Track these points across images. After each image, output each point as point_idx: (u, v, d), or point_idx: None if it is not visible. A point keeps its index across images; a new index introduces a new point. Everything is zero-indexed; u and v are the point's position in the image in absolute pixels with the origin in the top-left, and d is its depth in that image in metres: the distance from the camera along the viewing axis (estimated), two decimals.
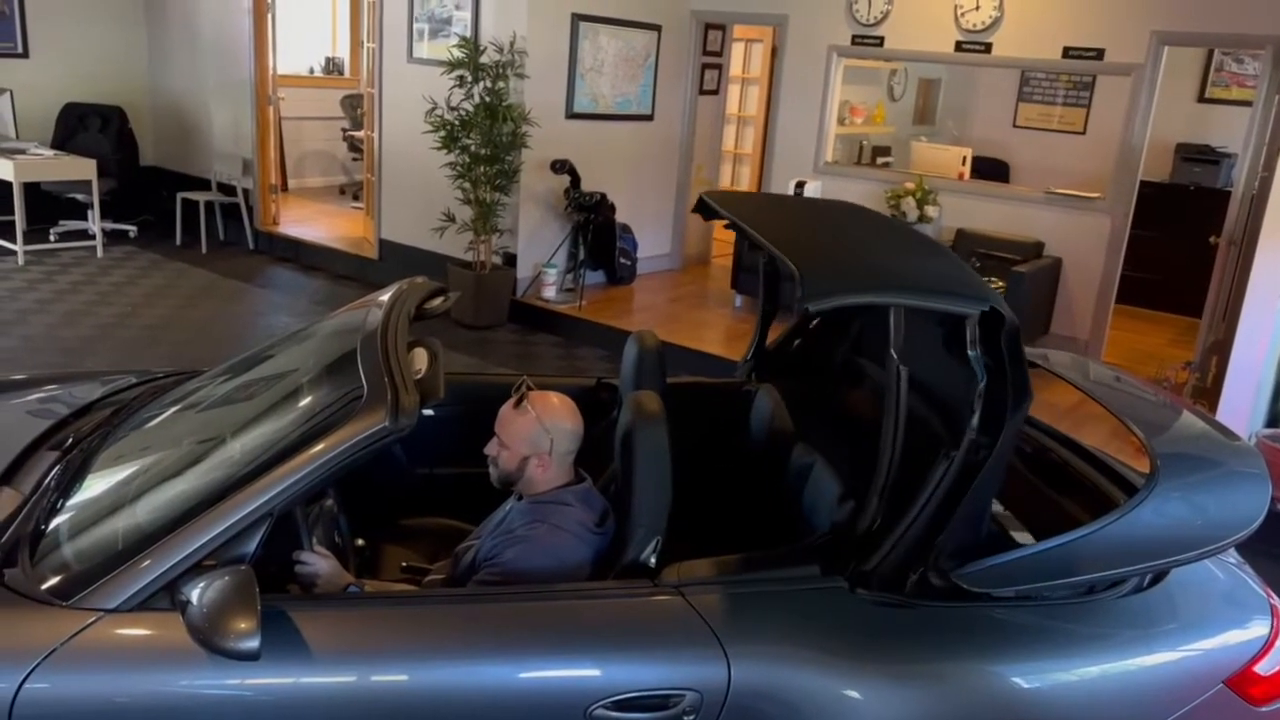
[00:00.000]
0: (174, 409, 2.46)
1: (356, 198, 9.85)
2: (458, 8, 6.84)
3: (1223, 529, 2.03)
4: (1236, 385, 4.54)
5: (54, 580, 1.85)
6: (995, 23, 6.61)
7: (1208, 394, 5.14)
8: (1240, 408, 4.57)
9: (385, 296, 2.46)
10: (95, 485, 2.17)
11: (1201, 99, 8.46)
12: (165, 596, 1.79)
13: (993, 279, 6.41)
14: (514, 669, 1.86)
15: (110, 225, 8.22)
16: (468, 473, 2.65)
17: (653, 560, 2.09)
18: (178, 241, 8.40)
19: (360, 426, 1.90)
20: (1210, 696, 2.08)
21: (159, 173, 9.08)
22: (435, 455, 2.94)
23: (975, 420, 1.93)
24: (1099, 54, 6.30)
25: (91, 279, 7.24)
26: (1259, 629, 2.18)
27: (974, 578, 1.95)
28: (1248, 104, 6.89)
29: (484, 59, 6.42)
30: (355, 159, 10.44)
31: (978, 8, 6.64)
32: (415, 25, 7.09)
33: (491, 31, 6.61)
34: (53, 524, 2.04)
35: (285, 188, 10.00)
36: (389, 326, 2.21)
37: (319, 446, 1.89)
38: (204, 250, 8.25)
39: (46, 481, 2.20)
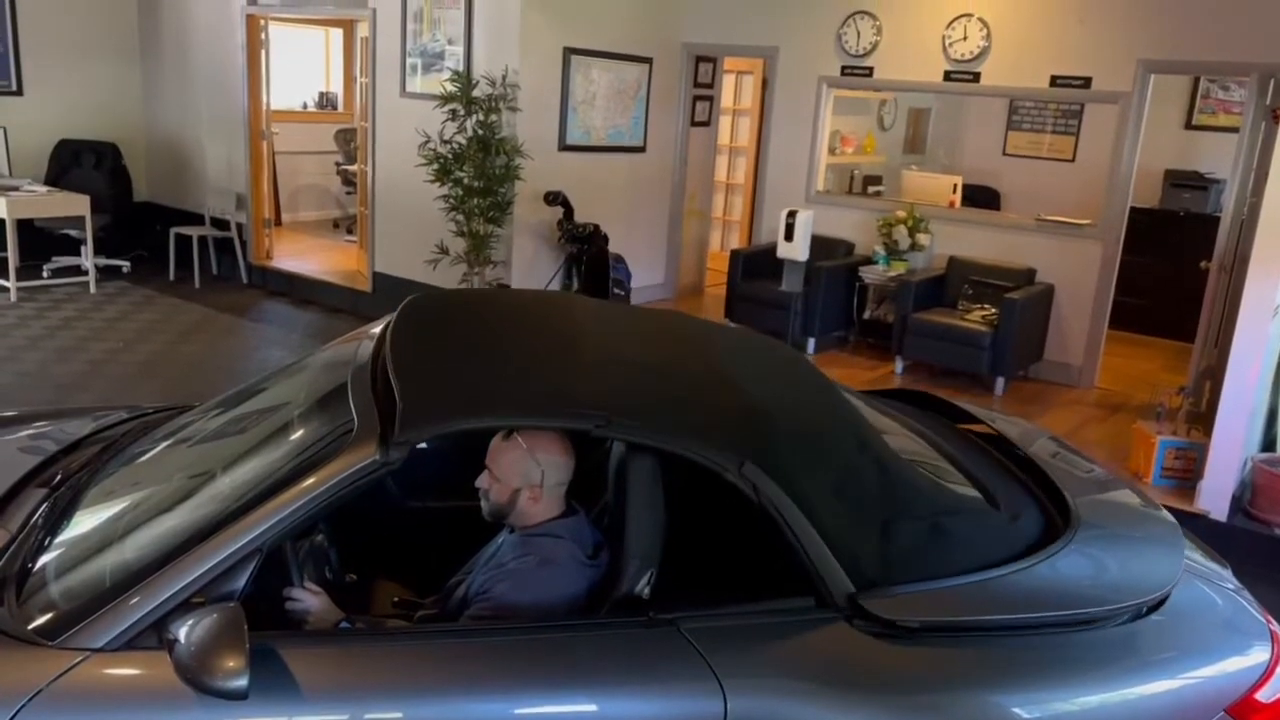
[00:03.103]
0: (163, 445, 2.45)
1: (350, 231, 9.86)
2: (450, 42, 6.89)
3: (1134, 591, 2.13)
4: (1230, 410, 4.53)
5: (40, 619, 1.83)
6: (983, 52, 6.67)
7: (1202, 419, 5.14)
8: (1234, 432, 4.57)
9: (376, 329, 2.46)
10: (83, 522, 2.15)
11: (1189, 126, 8.53)
12: (153, 635, 1.77)
13: (986, 305, 6.45)
14: (508, 705, 1.84)
15: (103, 261, 8.22)
16: (461, 506, 2.63)
17: (646, 592, 2.06)
18: (171, 277, 8.40)
19: (351, 460, 1.88)
20: None
21: (153, 208, 9.10)
22: (428, 489, 2.92)
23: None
24: (1086, 82, 6.36)
25: (84, 314, 7.23)
26: (1259, 655, 2.16)
27: (880, 605, 1.97)
28: (1235, 130, 6.95)
29: (476, 92, 6.46)
30: (349, 192, 10.47)
31: (965, 38, 6.71)
32: (408, 60, 7.14)
33: (484, 65, 6.66)
34: (39, 562, 2.01)
35: (279, 222, 10.02)
36: (380, 359, 2.20)
37: (309, 480, 1.87)
38: (197, 285, 8.24)
39: (34, 519, 2.17)
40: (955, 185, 7.56)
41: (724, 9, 7.70)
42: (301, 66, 11.11)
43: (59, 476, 2.39)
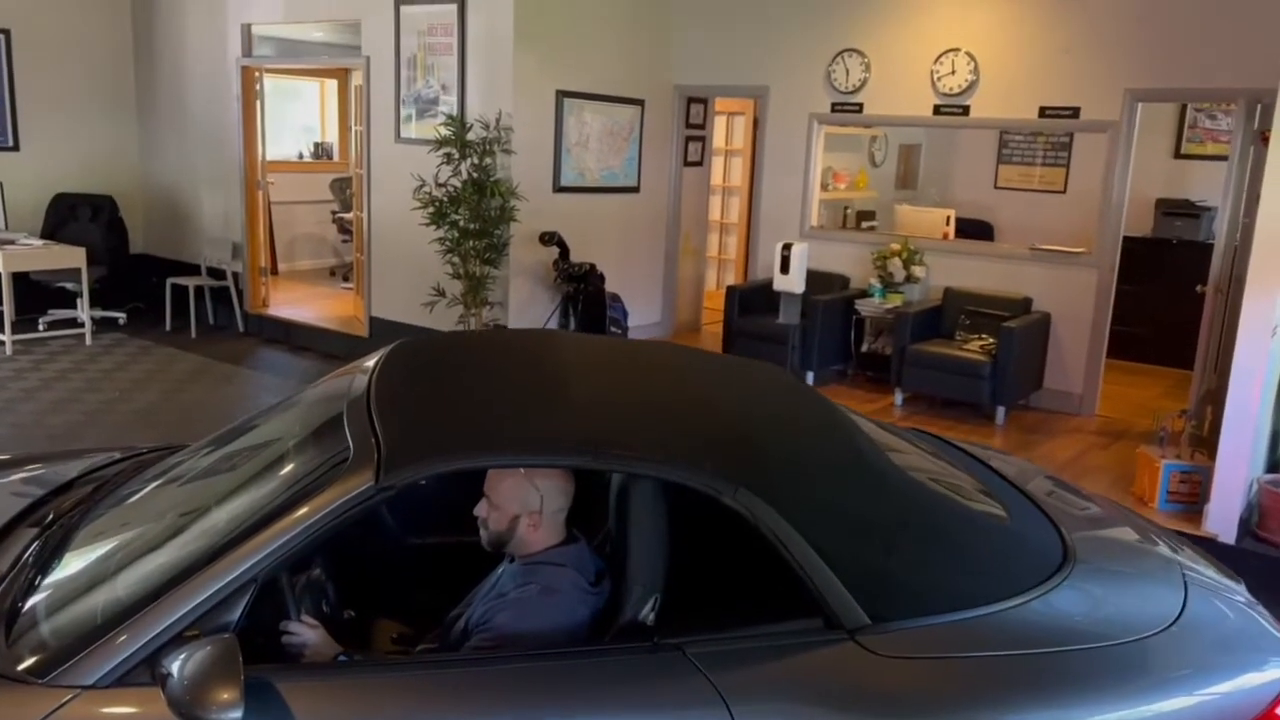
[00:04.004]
0: (155, 483, 2.41)
1: (346, 279, 9.88)
2: (444, 88, 6.95)
3: (1132, 628, 2.08)
4: (1233, 430, 4.51)
5: (30, 659, 1.78)
6: (972, 86, 6.73)
7: (1205, 442, 5.11)
8: (1238, 453, 4.54)
9: (370, 362, 2.44)
10: (74, 562, 2.11)
11: (1178, 155, 8.59)
12: (146, 671, 1.72)
13: (983, 335, 6.44)
14: None
15: (99, 313, 8.22)
16: (461, 542, 2.60)
17: (651, 618, 2.02)
18: (167, 327, 8.39)
19: (347, 487, 1.86)
20: None
21: (149, 260, 9.12)
22: (427, 525, 2.88)
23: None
24: (1075, 112, 6.41)
25: (79, 366, 7.21)
26: (1276, 671, 2.12)
27: (882, 643, 1.93)
28: (1223, 158, 7.01)
29: (471, 136, 6.50)
30: (345, 240, 10.50)
31: (954, 72, 6.78)
32: (402, 106, 7.19)
33: (478, 109, 6.71)
34: (29, 602, 1.97)
35: (275, 271, 10.04)
36: (375, 391, 2.19)
37: (304, 509, 1.84)
38: (194, 335, 8.23)
39: (24, 558, 2.13)
40: (949, 217, 7.59)
41: (714, 51, 7.79)
42: (297, 117, 11.22)
43: (50, 516, 2.36)
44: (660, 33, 7.81)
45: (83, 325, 7.89)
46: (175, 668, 1.65)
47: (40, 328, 8.00)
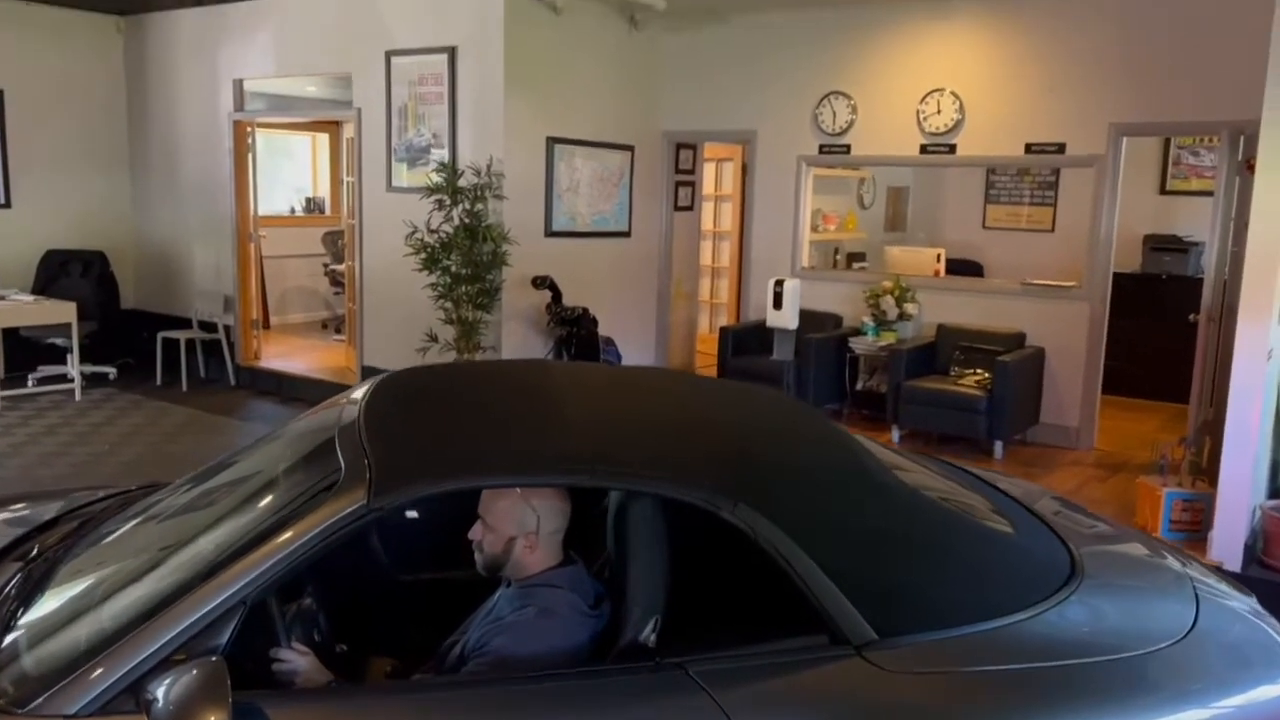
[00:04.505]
0: (141, 518, 2.36)
1: (339, 331, 9.87)
2: (435, 136, 7.00)
3: (1144, 640, 2.04)
4: (1234, 455, 4.47)
5: (11, 690, 1.72)
6: (957, 124, 6.80)
7: (1206, 471, 5.08)
8: (1240, 479, 4.50)
9: (358, 393, 2.41)
10: (58, 595, 2.05)
11: (1163, 191, 8.68)
12: (130, 699, 1.66)
13: (978, 370, 6.43)
14: None
15: (89, 369, 8.16)
16: (455, 578, 2.55)
17: (652, 640, 1.97)
18: (158, 381, 8.34)
19: (338, 507, 1.81)
20: None
21: (140, 315, 9.09)
22: (419, 561, 2.82)
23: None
24: (1061, 148, 6.48)
25: (68, 420, 7.14)
26: None
27: (890, 658, 1.88)
28: (1207, 194, 7.09)
29: (462, 182, 6.53)
30: (337, 293, 10.50)
31: (939, 111, 6.85)
32: (394, 156, 7.23)
33: (469, 156, 6.75)
34: (11, 636, 1.91)
35: (267, 325, 10.02)
36: (366, 416, 2.15)
37: (295, 529, 1.79)
38: (185, 388, 8.18)
39: (6, 591, 2.08)
40: (939, 255, 7.62)
41: (701, 97, 7.87)
42: (289, 173, 11.28)
43: (34, 551, 2.30)
44: (648, 79, 7.90)
45: (72, 381, 7.84)
46: (160, 692, 1.60)
47: (29, 384, 7.94)
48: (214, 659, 1.64)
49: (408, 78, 7.08)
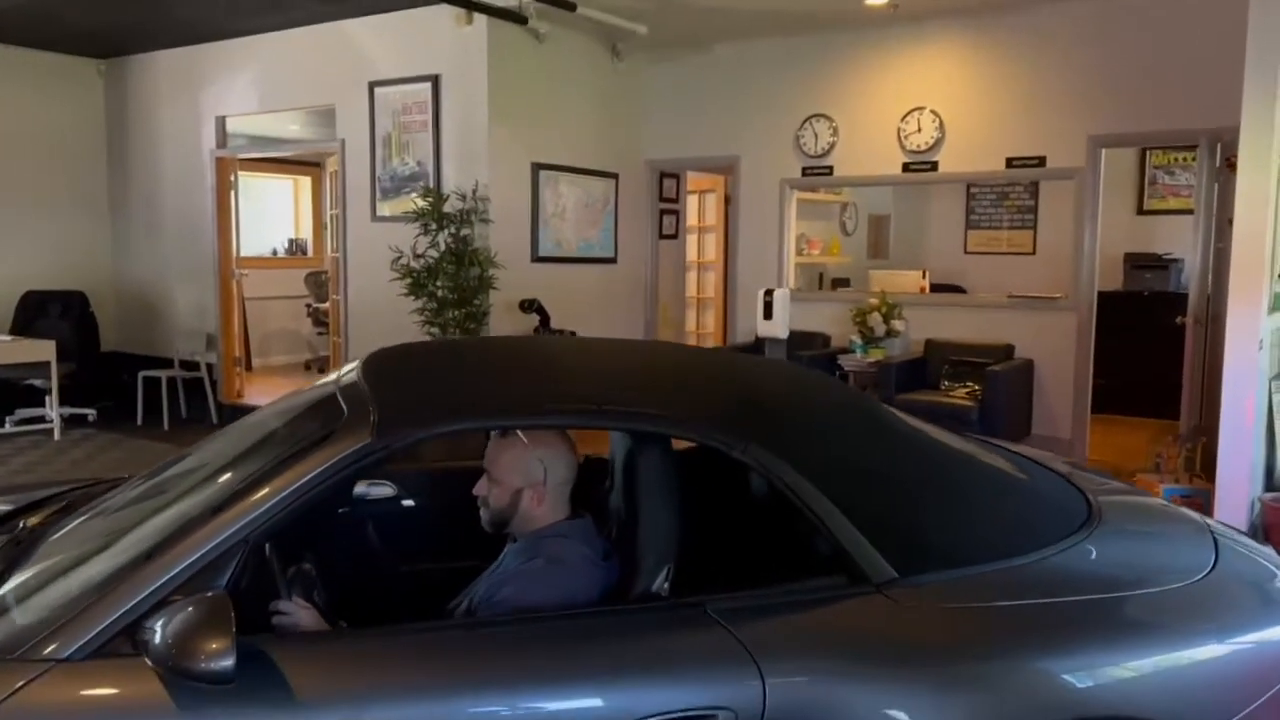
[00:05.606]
0: (136, 489, 2.29)
1: (323, 371, 9.77)
2: (419, 164, 7.00)
3: (1164, 574, 2.03)
4: (1231, 450, 4.45)
5: (0, 638, 1.64)
6: (938, 142, 6.87)
7: (1203, 469, 5.06)
8: (1239, 472, 4.48)
9: (346, 367, 2.36)
10: (48, 554, 1.97)
11: (1140, 211, 8.78)
12: (128, 642, 1.58)
13: (968, 383, 6.42)
14: (527, 699, 1.65)
15: (69, 410, 8.03)
16: (454, 568, 2.48)
17: (665, 589, 1.91)
18: (139, 421, 8.21)
19: (343, 445, 1.76)
20: None
21: (120, 357, 8.97)
22: (418, 551, 2.76)
23: None
24: (1041, 161, 6.55)
25: (47, 459, 7.00)
26: None
27: (908, 594, 1.84)
28: (1184, 212, 7.15)
29: (447, 207, 6.52)
30: (320, 333, 10.43)
31: (920, 130, 6.92)
32: (378, 185, 7.23)
33: (454, 181, 6.75)
34: (0, 591, 1.83)
35: (250, 366, 9.92)
36: (365, 372, 2.11)
37: (298, 468, 1.73)
38: (166, 427, 8.05)
39: None
40: (924, 273, 7.65)
41: (684, 125, 7.93)
42: (271, 215, 11.27)
43: (21, 525, 2.22)
44: (631, 108, 7.96)
45: (51, 422, 7.70)
46: (159, 625, 1.53)
47: (7, 425, 7.79)
48: (217, 592, 1.57)
49: (391, 107, 7.10)
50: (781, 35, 7.37)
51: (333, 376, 2.32)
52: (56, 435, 7.64)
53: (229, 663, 1.45)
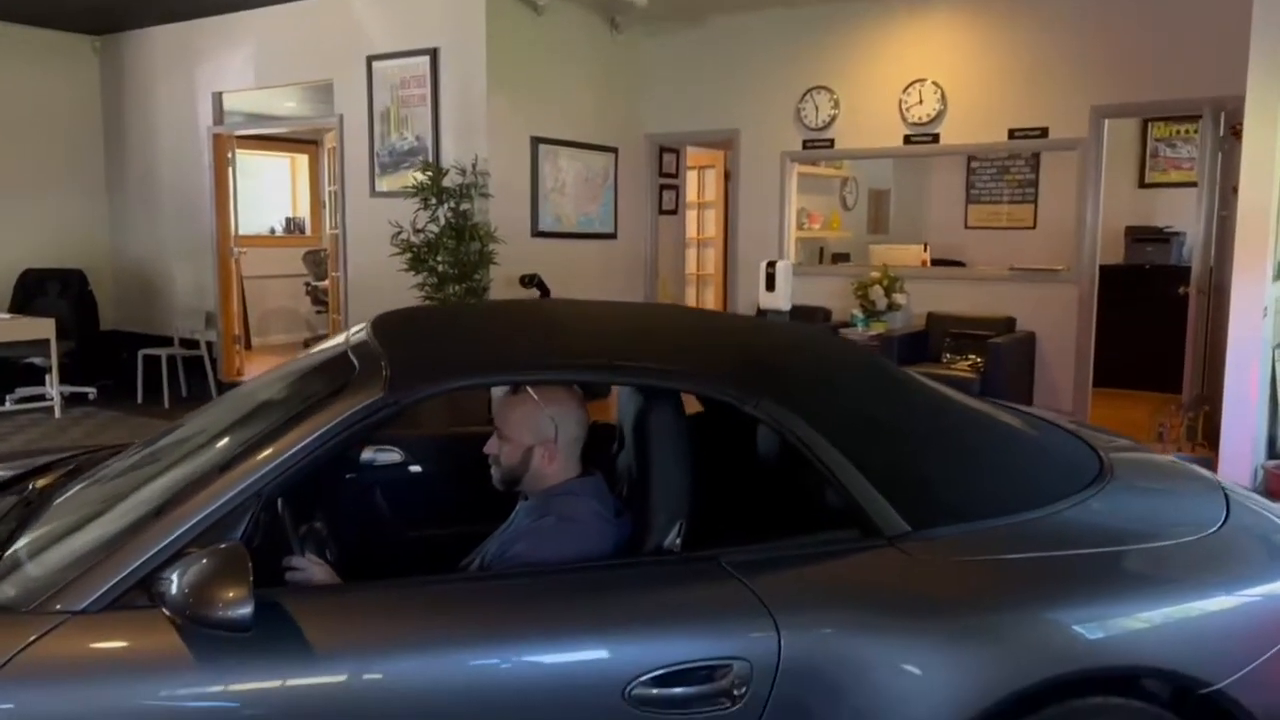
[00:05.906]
0: (147, 449, 2.28)
1: None
2: (418, 139, 6.97)
3: (1175, 529, 2.02)
4: (1235, 416, 4.47)
5: (13, 594, 1.64)
6: (940, 114, 6.84)
7: (1206, 437, 5.07)
8: (1243, 438, 4.50)
9: (357, 327, 2.36)
10: (60, 513, 1.97)
11: (1142, 184, 8.75)
12: (143, 594, 1.58)
13: (970, 355, 6.42)
14: (542, 649, 1.65)
15: (68, 389, 8.01)
16: (463, 533, 2.48)
17: (677, 545, 1.91)
18: (139, 399, 8.20)
19: (355, 400, 1.75)
20: None
21: (119, 335, 8.95)
22: (425, 516, 2.76)
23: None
24: (1043, 132, 6.52)
25: (48, 437, 6.99)
26: None
27: (921, 547, 1.84)
28: (1186, 185, 7.10)
29: (447, 181, 6.49)
30: (319, 312, 10.42)
31: (921, 102, 6.89)
32: (377, 160, 7.19)
33: (453, 155, 6.72)
34: (12, 549, 1.83)
35: (249, 345, 9.90)
36: (375, 330, 2.10)
37: (311, 422, 1.73)
38: (166, 405, 8.04)
39: (5, 516, 1.99)
40: (924, 248, 7.64)
41: (684, 98, 7.89)
42: (269, 194, 11.22)
43: (30, 486, 2.21)
44: (630, 82, 7.92)
45: (51, 400, 7.69)
46: (175, 576, 1.52)
47: (6, 404, 7.78)
48: (233, 543, 1.56)
49: (389, 82, 7.06)
50: (782, 6, 7.33)
51: (341, 337, 2.31)
52: (57, 413, 7.63)
53: (247, 610, 1.45)
